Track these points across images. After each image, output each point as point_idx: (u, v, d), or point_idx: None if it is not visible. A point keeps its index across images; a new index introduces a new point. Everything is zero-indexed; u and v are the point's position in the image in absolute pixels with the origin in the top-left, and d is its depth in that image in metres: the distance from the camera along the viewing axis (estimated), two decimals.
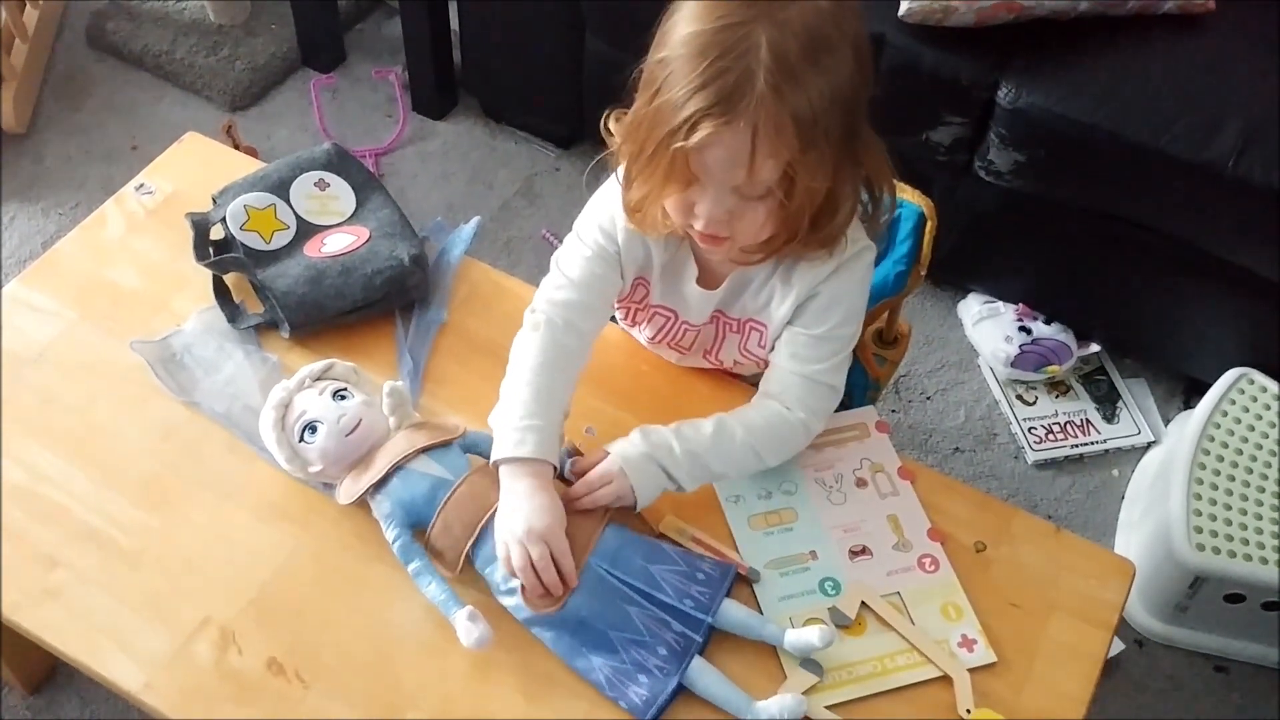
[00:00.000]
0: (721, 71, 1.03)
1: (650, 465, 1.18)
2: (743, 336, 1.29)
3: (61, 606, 1.15)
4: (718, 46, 1.04)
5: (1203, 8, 1.91)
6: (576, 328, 1.25)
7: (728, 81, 1.03)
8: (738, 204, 1.11)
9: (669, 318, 1.30)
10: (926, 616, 1.17)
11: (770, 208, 1.11)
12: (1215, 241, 1.89)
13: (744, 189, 1.09)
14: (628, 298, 1.31)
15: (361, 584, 1.17)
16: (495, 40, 2.40)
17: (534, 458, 1.16)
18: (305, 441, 1.19)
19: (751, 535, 1.22)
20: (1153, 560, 1.78)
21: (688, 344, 1.33)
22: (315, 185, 1.44)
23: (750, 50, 1.03)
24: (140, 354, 1.31)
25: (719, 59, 1.03)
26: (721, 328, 1.30)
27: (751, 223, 1.12)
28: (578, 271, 1.25)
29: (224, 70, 2.55)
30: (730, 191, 1.10)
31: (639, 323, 1.34)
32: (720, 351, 1.32)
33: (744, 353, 1.30)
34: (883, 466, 1.28)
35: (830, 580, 1.20)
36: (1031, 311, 2.16)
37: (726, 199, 1.10)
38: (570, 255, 1.26)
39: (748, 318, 1.27)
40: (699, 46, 1.04)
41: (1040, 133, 1.87)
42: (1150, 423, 2.12)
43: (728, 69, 1.03)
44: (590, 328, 1.27)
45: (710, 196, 1.10)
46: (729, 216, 1.11)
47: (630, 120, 1.14)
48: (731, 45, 1.03)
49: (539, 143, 2.52)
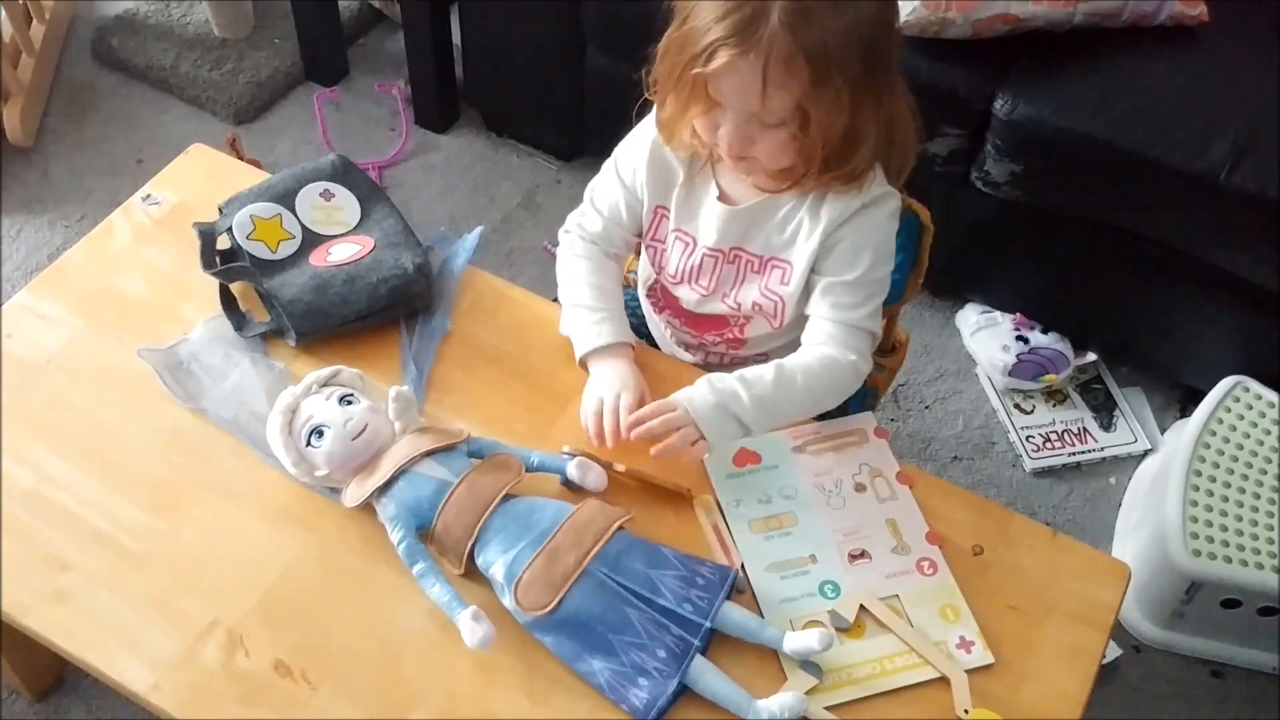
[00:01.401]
0: (740, 4, 1.12)
1: (721, 414, 1.24)
2: (764, 276, 1.34)
3: (71, 609, 1.16)
4: None
5: (1196, 20, 1.93)
6: (612, 253, 1.41)
7: (745, 14, 1.12)
8: (757, 129, 1.19)
9: (688, 243, 1.36)
10: (925, 619, 1.19)
11: (788, 135, 1.19)
12: (1210, 250, 1.91)
13: (761, 116, 1.18)
14: (649, 232, 1.39)
15: (367, 586, 1.18)
16: (497, 54, 2.42)
17: (615, 342, 1.32)
18: (312, 446, 1.20)
19: (752, 539, 1.23)
20: (1149, 566, 1.80)
21: (708, 280, 1.37)
22: (320, 195, 1.46)
23: None
24: (148, 361, 1.33)
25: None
26: (743, 267, 1.35)
27: (770, 147, 1.21)
28: (608, 205, 1.39)
29: (228, 84, 2.58)
30: (749, 117, 1.18)
31: (661, 258, 1.40)
32: (740, 292, 1.36)
33: (765, 292, 1.34)
34: (881, 471, 1.30)
35: (830, 583, 1.21)
36: (1028, 321, 2.17)
37: (745, 124, 1.19)
38: (603, 186, 1.40)
39: (771, 255, 1.33)
40: None
41: (1036, 143, 1.89)
42: (1147, 431, 2.13)
43: (746, 2, 1.12)
44: (622, 251, 1.42)
45: (730, 120, 1.20)
46: (748, 140, 1.20)
47: (662, 45, 1.23)
48: None
49: (541, 155, 2.54)
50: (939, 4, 1.85)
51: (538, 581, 1.13)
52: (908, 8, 1.86)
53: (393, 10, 2.74)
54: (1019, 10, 1.87)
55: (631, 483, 1.25)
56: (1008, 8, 1.86)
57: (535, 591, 1.13)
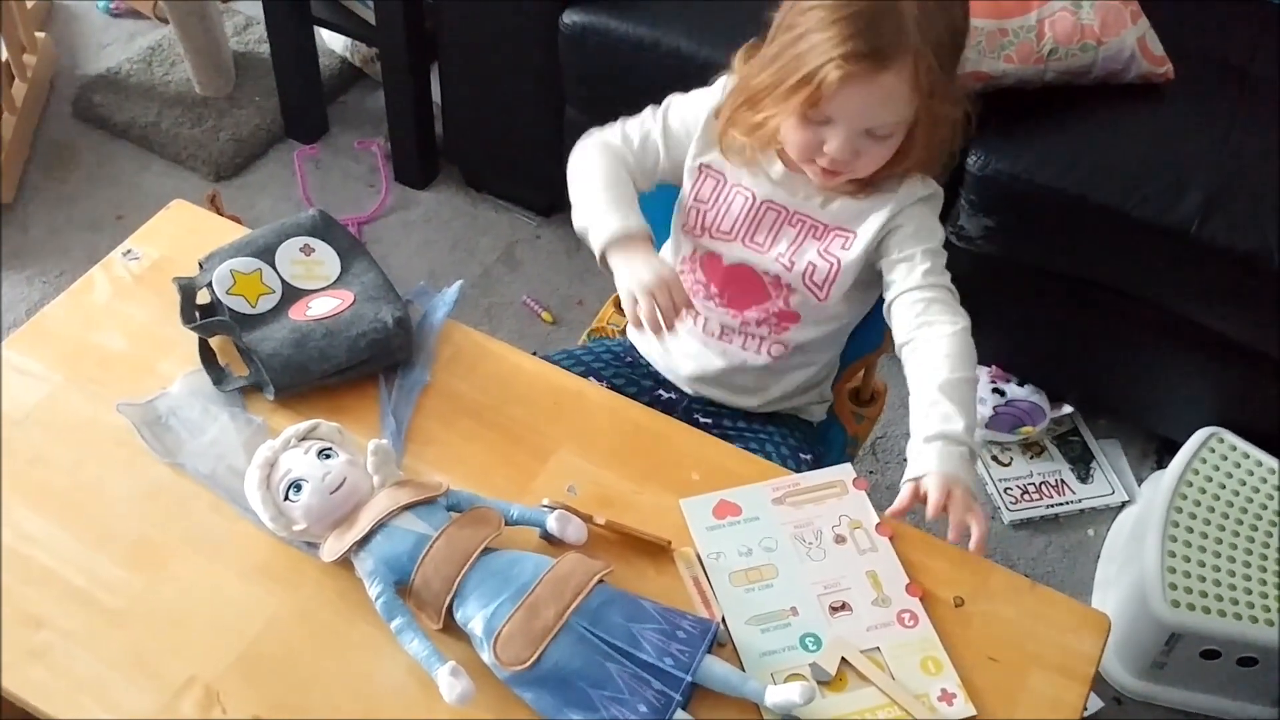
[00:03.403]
0: (878, 20, 1.16)
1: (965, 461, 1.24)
2: (825, 242, 1.36)
3: (46, 667, 1.14)
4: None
5: (1164, 78, 1.97)
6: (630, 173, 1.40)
7: (884, 31, 1.16)
8: (866, 142, 1.23)
9: (749, 197, 1.37)
10: (907, 671, 1.18)
11: (896, 141, 1.24)
12: (1182, 303, 1.93)
13: (880, 128, 1.22)
14: (692, 192, 1.39)
15: (346, 642, 1.17)
16: (477, 112, 2.44)
17: (635, 230, 1.31)
18: (290, 500, 1.20)
19: (733, 592, 1.23)
20: (1129, 617, 1.80)
21: (764, 236, 1.38)
22: (300, 250, 1.47)
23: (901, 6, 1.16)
24: (126, 416, 1.32)
25: (871, 10, 1.16)
26: (805, 230, 1.36)
27: (874, 158, 1.25)
28: (640, 136, 1.40)
29: (208, 141, 2.59)
30: (862, 133, 1.22)
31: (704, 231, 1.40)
32: (797, 251, 1.37)
33: (824, 254, 1.36)
34: (861, 523, 1.30)
35: (811, 636, 1.20)
36: (1005, 374, 2.19)
37: (858, 138, 1.22)
38: (640, 123, 1.41)
39: (838, 224, 1.35)
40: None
41: (1009, 198, 1.92)
42: (1124, 482, 2.14)
43: (883, 19, 1.16)
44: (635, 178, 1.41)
45: (841, 134, 1.22)
46: (856, 154, 1.24)
47: (770, 54, 1.25)
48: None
49: (519, 211, 2.56)
50: None
51: (517, 636, 1.12)
52: None
53: (373, 68, 2.77)
54: (991, 68, 1.90)
55: (611, 535, 1.25)
56: (980, 65, 1.90)
57: (515, 646, 1.12)
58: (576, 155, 1.43)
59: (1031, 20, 1.90)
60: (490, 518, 1.21)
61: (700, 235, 1.41)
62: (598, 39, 2.09)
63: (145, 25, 2.97)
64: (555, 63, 2.18)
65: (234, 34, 2.85)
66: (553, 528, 1.22)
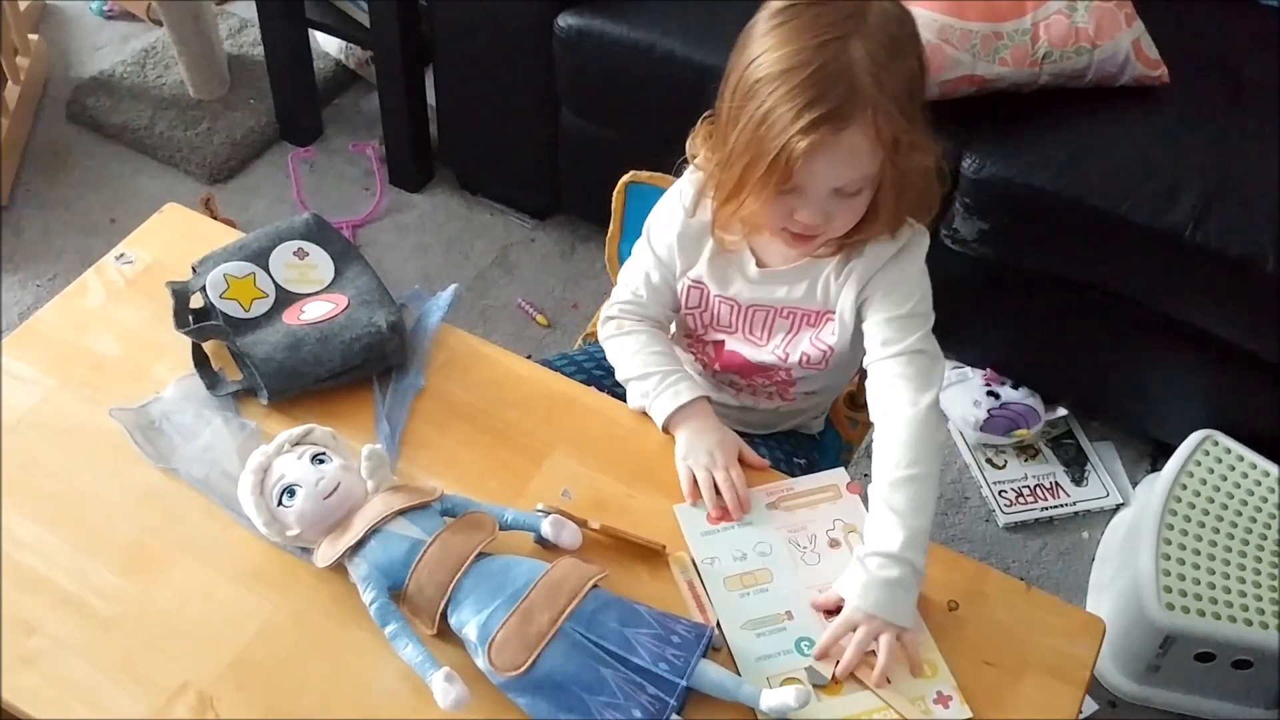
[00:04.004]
0: (831, 84, 1.15)
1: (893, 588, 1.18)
2: (819, 329, 1.37)
3: (38, 673, 1.14)
4: (819, 62, 1.16)
5: (1158, 80, 1.97)
6: (661, 325, 1.45)
7: (838, 92, 1.15)
8: (836, 202, 1.23)
9: (734, 306, 1.39)
10: (901, 674, 1.18)
11: (866, 198, 1.23)
12: (1177, 306, 1.93)
13: (848, 185, 1.21)
14: (684, 301, 1.41)
15: (339, 647, 1.17)
16: (471, 114, 2.44)
17: (693, 398, 1.34)
18: (284, 505, 1.19)
19: (728, 597, 1.23)
20: (1124, 620, 1.80)
21: (760, 330, 1.40)
22: (294, 254, 1.46)
23: (851, 62, 1.16)
24: (119, 421, 1.32)
25: (822, 72, 1.15)
26: (800, 320, 1.37)
27: (848, 214, 1.25)
28: (645, 283, 1.42)
29: (202, 144, 2.59)
30: (831, 194, 1.22)
31: (705, 328, 1.42)
32: (791, 343, 1.39)
33: (816, 342, 1.37)
34: (855, 527, 1.30)
35: (806, 639, 1.20)
36: (999, 376, 2.19)
37: (827, 201, 1.23)
38: (638, 265, 1.43)
39: (827, 309, 1.35)
40: (800, 63, 1.16)
41: (1004, 201, 1.92)
42: (1118, 485, 2.15)
43: (836, 81, 1.15)
44: (665, 324, 1.45)
45: (812, 200, 1.23)
46: (827, 216, 1.24)
47: (735, 144, 1.23)
48: (831, 59, 1.16)
49: (515, 214, 2.56)
50: None
51: (512, 641, 1.12)
52: None
53: (367, 71, 2.77)
54: (986, 72, 1.90)
55: (606, 540, 1.25)
56: (975, 69, 1.90)
57: (509, 652, 1.12)
58: (610, 339, 1.44)
59: (1026, 23, 1.90)
60: (484, 523, 1.21)
61: (702, 331, 1.44)
62: (593, 42, 2.09)
63: (139, 27, 2.97)
64: (550, 66, 2.18)
65: (228, 36, 2.85)
66: (547, 532, 1.22)
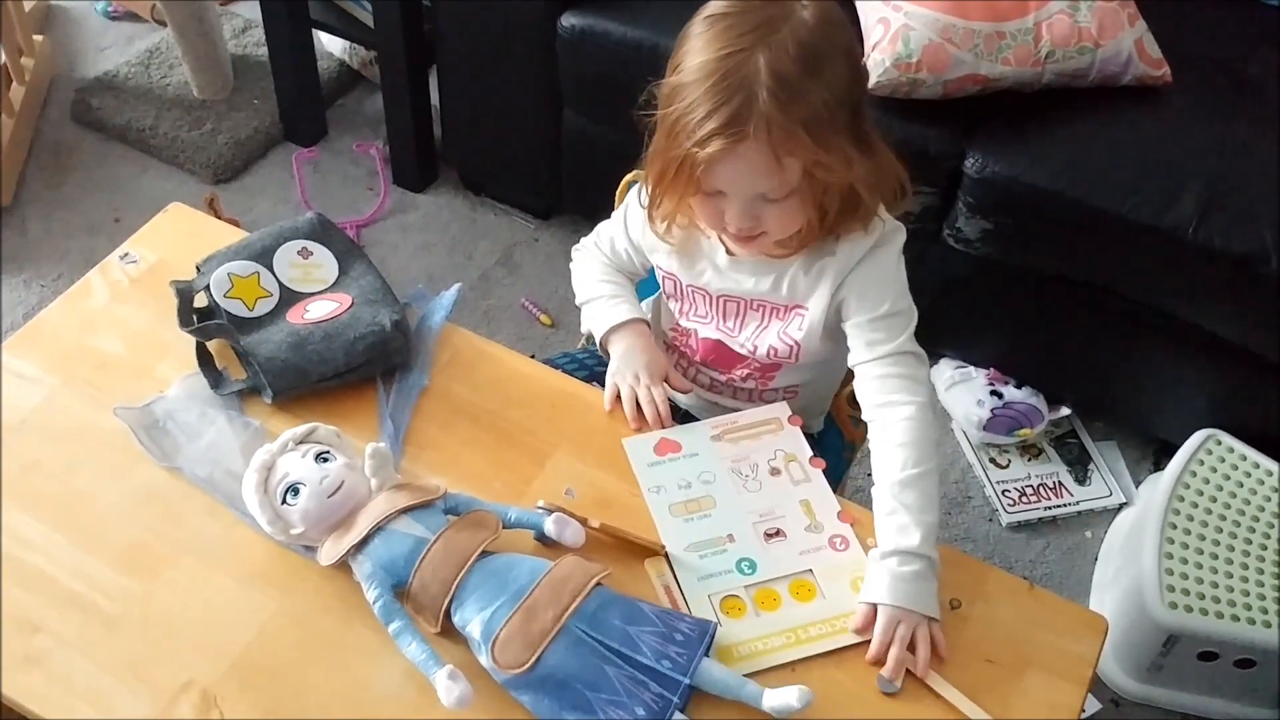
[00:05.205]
0: (730, 95, 1.16)
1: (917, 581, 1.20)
2: (785, 323, 1.38)
3: (42, 672, 1.14)
4: (722, 72, 1.17)
5: (1160, 80, 1.97)
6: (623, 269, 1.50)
7: (735, 103, 1.16)
8: (763, 206, 1.24)
9: (705, 295, 1.41)
10: (838, 591, 1.23)
11: (798, 202, 1.24)
12: (1179, 305, 1.93)
13: (769, 193, 1.22)
14: (663, 291, 1.45)
15: (343, 645, 1.17)
16: (475, 115, 2.44)
17: (630, 319, 1.42)
18: (288, 504, 1.20)
19: (672, 521, 1.27)
20: (1127, 619, 1.80)
21: (733, 320, 1.41)
22: (298, 254, 1.47)
23: (752, 74, 1.16)
24: (124, 420, 1.32)
25: (724, 83, 1.16)
26: (768, 313, 1.38)
27: (780, 219, 1.25)
28: (610, 248, 1.49)
29: (206, 144, 2.59)
30: (755, 198, 1.23)
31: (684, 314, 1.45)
32: (760, 335, 1.40)
33: (783, 336, 1.38)
34: (795, 456, 1.34)
35: (747, 560, 1.24)
36: (1002, 376, 2.19)
37: (752, 205, 1.23)
38: (611, 230, 1.48)
39: (794, 303, 1.36)
40: (707, 73, 1.18)
41: (1007, 201, 1.92)
42: (1121, 484, 2.15)
43: (735, 92, 1.16)
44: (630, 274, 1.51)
45: (735, 205, 1.24)
46: (756, 219, 1.25)
47: (652, 147, 1.27)
48: (734, 69, 1.17)
49: (518, 214, 2.56)
50: (910, 65, 1.88)
51: (515, 639, 1.12)
52: (879, 69, 1.90)
53: (371, 71, 2.77)
54: (989, 71, 1.90)
55: (609, 538, 1.25)
56: (978, 68, 1.90)
57: (513, 649, 1.12)
58: (576, 263, 1.52)
59: (1029, 23, 1.90)
60: (488, 521, 1.21)
61: (682, 317, 1.46)
62: (596, 42, 2.09)
63: (143, 28, 2.97)
64: (553, 66, 2.19)
65: (232, 37, 2.85)
66: (550, 531, 1.23)
